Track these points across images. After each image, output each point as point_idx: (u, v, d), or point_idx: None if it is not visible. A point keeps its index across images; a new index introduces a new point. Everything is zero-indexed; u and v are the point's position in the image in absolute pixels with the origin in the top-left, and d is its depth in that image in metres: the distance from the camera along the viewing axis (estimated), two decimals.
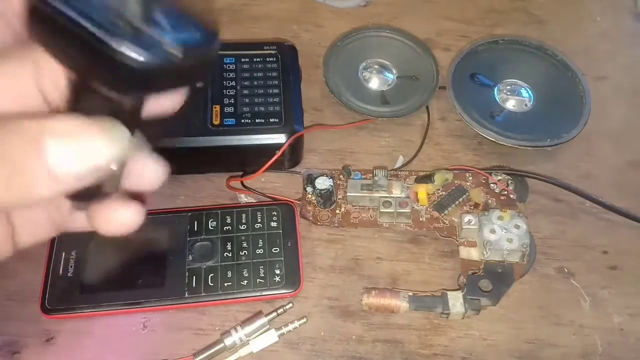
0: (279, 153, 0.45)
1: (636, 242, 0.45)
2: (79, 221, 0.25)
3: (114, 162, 0.20)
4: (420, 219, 0.45)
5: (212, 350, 0.39)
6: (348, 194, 0.45)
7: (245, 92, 0.47)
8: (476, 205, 0.45)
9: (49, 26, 0.19)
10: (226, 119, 0.45)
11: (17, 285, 0.41)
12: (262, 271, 0.41)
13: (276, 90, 0.47)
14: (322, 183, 0.45)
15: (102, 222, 0.23)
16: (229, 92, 0.47)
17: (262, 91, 0.47)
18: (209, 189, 0.47)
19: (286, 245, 0.43)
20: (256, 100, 0.47)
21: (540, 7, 0.61)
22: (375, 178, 0.45)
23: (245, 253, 0.42)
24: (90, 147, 0.19)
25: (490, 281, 0.41)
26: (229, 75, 0.48)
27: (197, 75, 0.21)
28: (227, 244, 0.42)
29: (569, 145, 0.49)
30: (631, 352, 0.41)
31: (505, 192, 0.46)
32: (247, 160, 0.47)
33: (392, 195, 0.45)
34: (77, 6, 0.18)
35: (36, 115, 0.19)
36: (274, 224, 0.44)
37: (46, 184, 0.19)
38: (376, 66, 0.54)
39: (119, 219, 0.23)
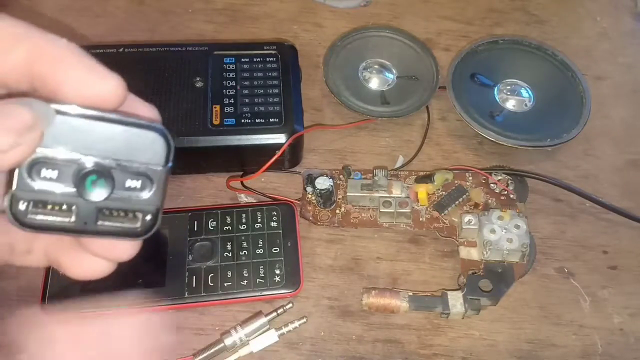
0: (279, 153, 0.45)
1: (636, 242, 0.45)
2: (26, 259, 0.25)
3: (36, 132, 0.20)
4: (420, 219, 0.45)
5: (212, 350, 0.39)
6: (348, 194, 0.45)
7: (245, 92, 0.47)
8: (476, 205, 0.45)
9: None
10: (226, 119, 0.45)
11: (17, 285, 0.41)
12: (262, 271, 0.41)
13: (276, 90, 0.47)
14: (322, 183, 0.45)
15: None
16: (229, 92, 0.47)
17: (262, 91, 0.47)
18: (209, 189, 0.47)
19: (286, 245, 0.43)
20: (256, 100, 0.47)
21: (540, 7, 0.61)
22: (375, 178, 0.45)
23: (245, 253, 0.42)
24: (11, 117, 0.19)
25: (490, 281, 0.41)
26: (229, 75, 0.48)
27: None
28: (227, 244, 0.42)
29: (569, 145, 0.49)
30: (631, 352, 0.41)
31: (505, 192, 0.46)
32: (247, 160, 0.47)
33: (392, 195, 0.45)
34: None
35: None
36: (274, 224, 0.44)
37: None
38: (376, 66, 0.54)
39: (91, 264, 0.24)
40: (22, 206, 0.21)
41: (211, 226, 0.43)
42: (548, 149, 0.48)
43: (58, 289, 0.40)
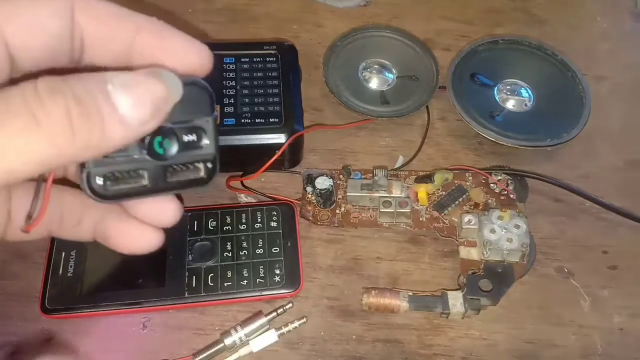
0: (279, 153, 0.45)
1: (636, 242, 0.45)
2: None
3: (169, 104, 0.22)
4: (420, 219, 0.45)
5: (212, 350, 0.39)
6: (348, 193, 0.45)
7: (245, 92, 0.47)
8: (476, 205, 0.45)
9: None
10: (226, 119, 0.46)
11: (17, 285, 0.41)
12: (262, 271, 0.41)
13: (276, 90, 0.47)
14: (322, 183, 0.45)
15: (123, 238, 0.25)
16: (228, 92, 0.47)
17: (262, 91, 0.47)
18: (209, 189, 0.47)
19: (286, 245, 0.43)
20: (256, 100, 0.47)
21: (540, 7, 0.61)
22: (375, 178, 0.45)
23: (245, 253, 0.42)
24: (150, 91, 0.21)
25: (490, 281, 0.41)
26: (228, 75, 0.48)
27: None
28: (227, 244, 0.42)
29: (569, 145, 0.49)
30: (631, 352, 0.41)
31: (505, 192, 0.46)
32: (247, 160, 0.47)
33: (392, 195, 0.45)
34: None
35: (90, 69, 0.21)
36: (273, 224, 0.44)
37: (118, 130, 0.20)
38: (376, 66, 0.54)
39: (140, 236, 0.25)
40: (99, 181, 0.22)
41: (211, 226, 0.43)
42: (548, 149, 0.48)
43: (58, 290, 0.40)
